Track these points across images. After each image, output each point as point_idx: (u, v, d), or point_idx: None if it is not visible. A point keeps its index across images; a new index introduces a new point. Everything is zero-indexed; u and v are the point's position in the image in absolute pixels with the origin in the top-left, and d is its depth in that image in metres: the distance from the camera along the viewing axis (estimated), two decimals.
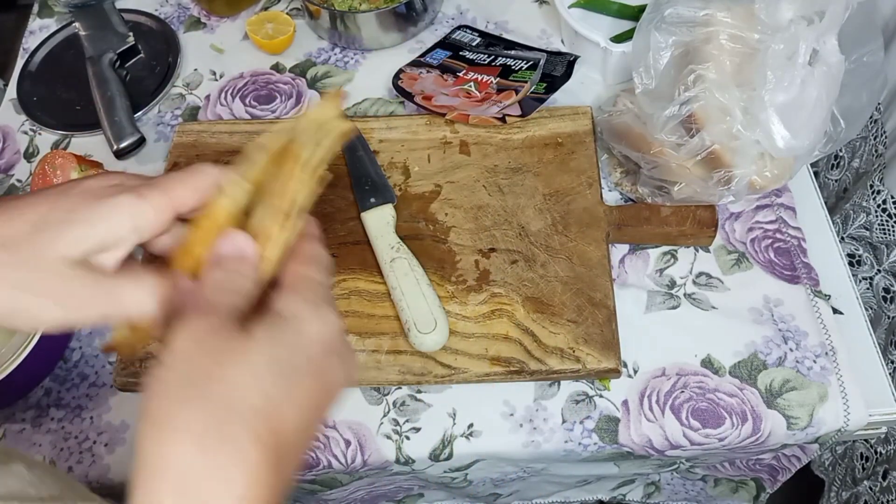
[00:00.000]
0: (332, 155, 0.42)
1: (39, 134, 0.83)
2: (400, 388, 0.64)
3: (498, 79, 0.77)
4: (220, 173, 0.39)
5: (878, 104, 0.86)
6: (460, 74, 0.79)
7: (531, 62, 0.78)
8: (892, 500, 0.85)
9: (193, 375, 0.31)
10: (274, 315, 0.34)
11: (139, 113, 0.83)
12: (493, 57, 0.80)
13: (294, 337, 0.33)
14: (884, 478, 0.87)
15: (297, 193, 0.39)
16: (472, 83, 0.77)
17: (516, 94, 0.74)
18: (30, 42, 0.92)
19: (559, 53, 0.80)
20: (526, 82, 0.75)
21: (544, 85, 0.76)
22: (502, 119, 0.72)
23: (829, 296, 0.66)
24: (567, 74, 0.77)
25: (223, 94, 0.84)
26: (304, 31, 0.89)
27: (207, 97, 0.84)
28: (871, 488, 0.89)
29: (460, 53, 0.82)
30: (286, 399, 0.32)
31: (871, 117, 0.87)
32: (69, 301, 0.36)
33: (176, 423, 0.30)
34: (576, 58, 0.78)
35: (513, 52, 0.81)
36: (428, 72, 0.80)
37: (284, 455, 0.32)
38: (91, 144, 0.82)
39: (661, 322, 0.66)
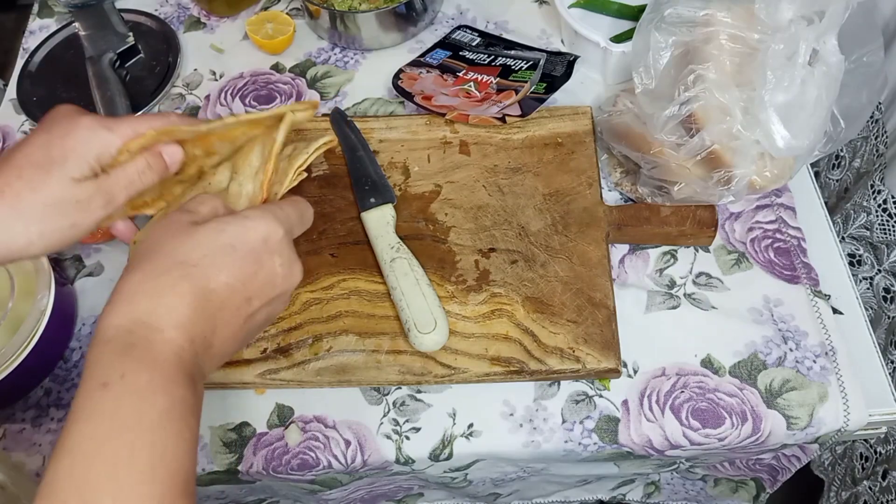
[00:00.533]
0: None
1: None
2: (400, 388, 0.64)
3: (498, 79, 0.77)
4: (179, 119, 0.53)
5: (879, 104, 0.86)
6: (460, 74, 0.79)
7: (531, 62, 0.78)
8: (891, 500, 0.85)
9: (155, 243, 0.43)
10: (229, 214, 0.46)
11: (139, 113, 0.83)
12: (493, 57, 0.80)
13: (237, 227, 0.44)
14: (883, 478, 0.87)
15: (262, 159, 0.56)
16: (471, 83, 0.77)
17: (516, 94, 0.74)
18: (30, 42, 0.92)
19: (559, 53, 0.80)
20: (526, 82, 0.75)
21: (544, 85, 0.76)
22: (502, 119, 0.72)
23: (829, 296, 0.67)
24: (567, 74, 0.77)
25: (223, 94, 0.84)
26: (303, 31, 0.89)
27: (207, 97, 0.84)
28: (870, 488, 0.89)
29: (460, 53, 0.82)
30: (217, 263, 0.43)
31: (871, 117, 0.87)
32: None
33: (134, 265, 0.42)
34: (576, 58, 0.78)
35: (513, 52, 0.81)
36: (428, 72, 0.80)
37: (213, 307, 0.42)
38: None
39: (661, 322, 0.66)
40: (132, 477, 0.35)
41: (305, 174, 0.59)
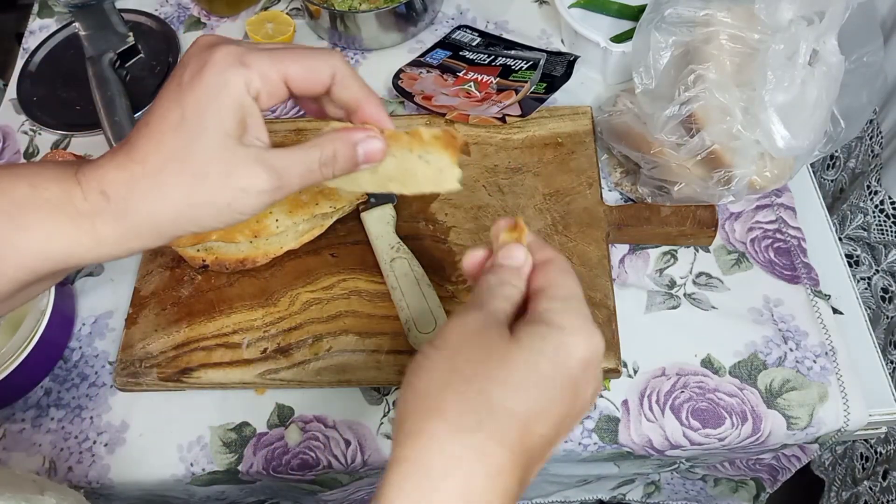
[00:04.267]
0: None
1: (39, 134, 0.83)
2: (400, 388, 0.64)
3: (498, 79, 0.77)
4: (340, 62, 0.40)
5: None
6: (460, 74, 0.79)
7: (531, 62, 0.78)
8: (892, 500, 0.85)
9: (459, 365, 0.33)
10: (539, 322, 0.34)
11: (139, 113, 0.82)
12: (493, 57, 0.80)
13: (557, 349, 0.34)
14: (884, 478, 0.87)
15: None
16: (472, 83, 0.77)
17: (516, 94, 0.74)
18: (30, 42, 0.91)
19: (559, 53, 0.80)
20: (526, 82, 0.75)
21: (544, 85, 0.76)
22: (502, 119, 0.72)
23: (829, 296, 0.67)
24: (567, 74, 0.77)
25: None
26: (304, 31, 0.89)
27: None
28: (871, 488, 0.89)
29: (460, 53, 0.82)
30: (541, 413, 0.32)
31: None
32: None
33: (436, 403, 0.32)
34: (576, 58, 0.78)
35: (513, 52, 0.81)
36: (428, 72, 0.80)
37: (527, 466, 0.32)
38: (91, 144, 0.82)
39: (661, 322, 0.66)
40: None
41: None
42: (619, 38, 0.78)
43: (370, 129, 0.42)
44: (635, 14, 0.81)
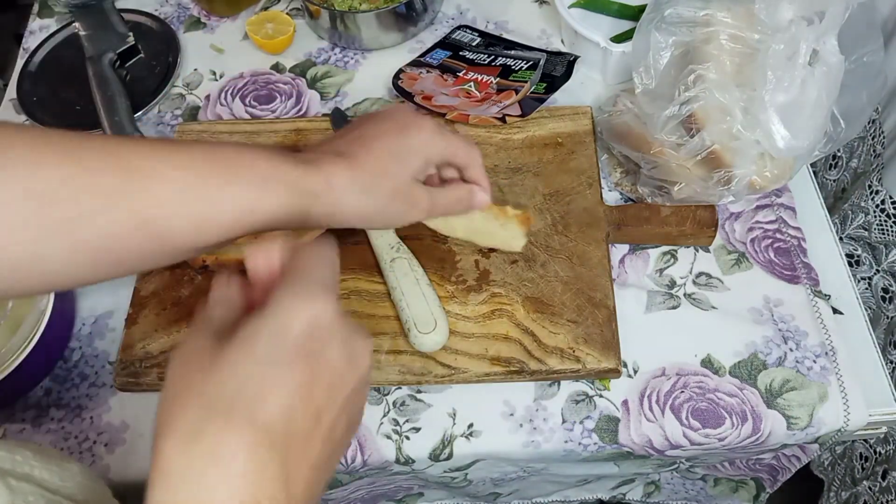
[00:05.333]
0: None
1: None
2: (400, 388, 0.64)
3: (498, 79, 0.77)
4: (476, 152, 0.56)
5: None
6: (460, 74, 0.79)
7: (531, 62, 0.78)
8: (891, 500, 0.85)
9: (180, 387, 0.33)
10: (259, 310, 0.34)
11: (139, 113, 0.82)
12: (493, 57, 0.80)
13: (274, 326, 0.33)
14: (883, 478, 0.87)
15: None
16: (472, 83, 0.77)
17: (516, 94, 0.74)
18: (30, 42, 0.92)
19: (559, 53, 0.80)
20: (526, 82, 0.75)
21: (544, 85, 0.76)
22: (502, 119, 0.72)
23: (829, 296, 0.67)
24: (567, 74, 0.77)
25: (223, 94, 0.84)
26: (304, 31, 0.89)
27: (207, 97, 0.84)
28: (870, 488, 0.89)
29: (460, 53, 0.82)
30: (266, 385, 0.32)
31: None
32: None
33: (165, 428, 0.31)
34: (576, 58, 0.78)
35: (513, 52, 0.81)
36: (428, 72, 0.80)
37: (276, 450, 0.31)
38: None
39: (661, 322, 0.66)
40: None
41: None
42: (619, 38, 0.78)
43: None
44: (635, 14, 0.81)
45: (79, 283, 0.43)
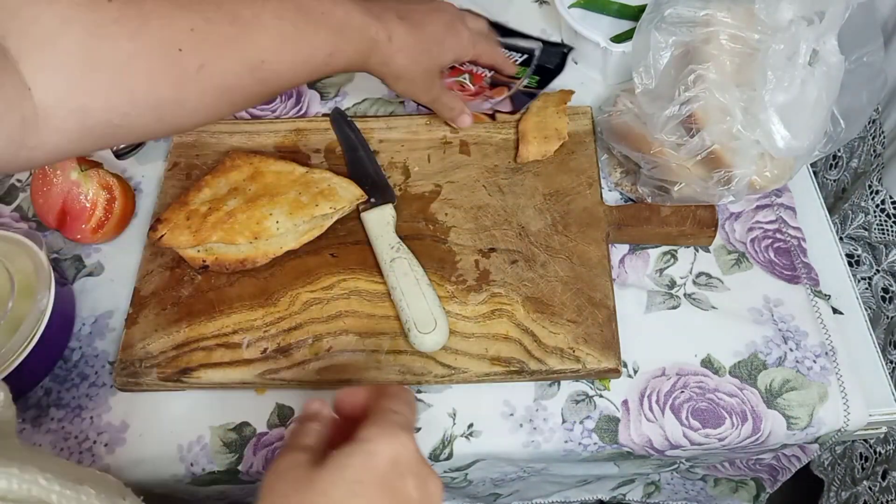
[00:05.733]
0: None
1: None
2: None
3: (493, 73, 0.77)
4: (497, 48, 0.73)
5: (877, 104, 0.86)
6: (455, 66, 0.78)
7: (526, 55, 0.77)
8: (891, 500, 0.86)
9: (278, 501, 0.37)
10: (350, 442, 0.38)
11: None
12: None
13: (363, 457, 0.38)
14: (883, 478, 0.87)
15: None
16: (466, 75, 0.77)
17: (509, 90, 0.74)
18: None
19: (555, 44, 0.79)
20: (519, 79, 0.75)
21: (537, 79, 0.76)
22: (492, 116, 0.72)
23: (829, 296, 0.67)
24: (559, 67, 0.76)
25: None
26: None
27: None
28: (870, 488, 0.89)
29: None
30: None
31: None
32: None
33: None
34: (570, 49, 0.78)
35: (509, 42, 0.80)
36: None
37: None
38: None
39: (661, 322, 0.66)
40: None
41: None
42: (619, 38, 0.78)
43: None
44: (635, 14, 0.81)
45: (199, 124, 0.52)
